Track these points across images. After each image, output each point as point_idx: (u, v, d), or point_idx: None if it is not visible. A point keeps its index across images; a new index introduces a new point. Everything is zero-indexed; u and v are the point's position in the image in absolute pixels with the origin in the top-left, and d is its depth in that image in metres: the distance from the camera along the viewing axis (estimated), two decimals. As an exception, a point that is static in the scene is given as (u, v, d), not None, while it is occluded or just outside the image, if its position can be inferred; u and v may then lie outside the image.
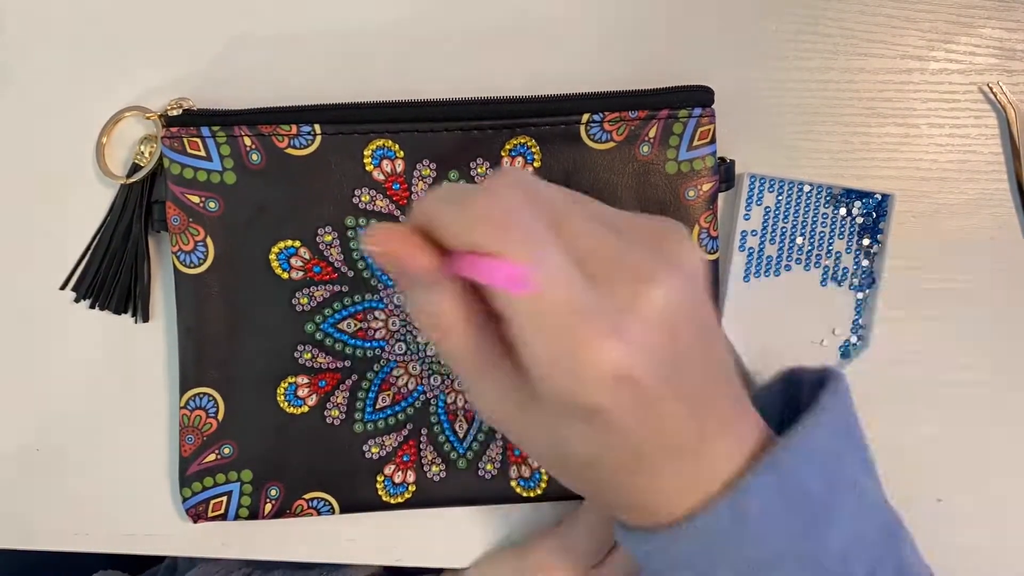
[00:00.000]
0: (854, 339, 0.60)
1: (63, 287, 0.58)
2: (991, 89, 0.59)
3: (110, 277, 0.58)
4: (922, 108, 0.60)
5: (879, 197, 0.59)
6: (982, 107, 0.60)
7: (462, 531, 0.60)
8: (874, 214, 0.59)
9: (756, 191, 0.59)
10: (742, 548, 0.41)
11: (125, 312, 0.58)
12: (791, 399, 0.48)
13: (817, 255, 0.59)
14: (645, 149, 0.56)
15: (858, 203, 0.59)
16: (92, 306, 0.58)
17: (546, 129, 0.55)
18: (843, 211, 0.59)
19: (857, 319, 0.60)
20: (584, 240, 0.38)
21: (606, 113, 0.55)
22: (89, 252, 0.58)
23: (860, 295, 0.59)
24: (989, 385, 0.60)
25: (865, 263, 0.59)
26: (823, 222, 0.59)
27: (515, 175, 0.38)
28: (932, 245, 0.60)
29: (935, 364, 0.60)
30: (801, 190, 0.59)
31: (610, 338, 0.36)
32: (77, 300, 0.58)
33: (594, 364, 0.35)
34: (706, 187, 0.56)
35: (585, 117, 0.55)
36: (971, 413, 0.60)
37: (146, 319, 0.58)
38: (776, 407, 0.49)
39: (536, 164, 0.56)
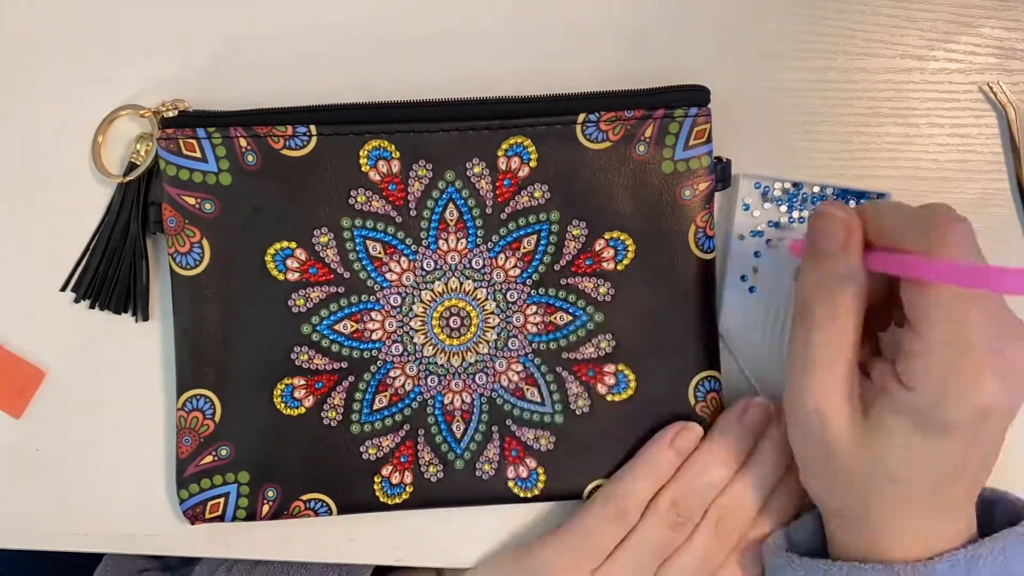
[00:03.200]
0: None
1: (63, 288, 0.58)
2: (991, 89, 0.59)
3: (109, 277, 0.58)
4: (922, 108, 0.60)
5: (875, 196, 0.58)
6: (982, 107, 0.60)
7: (463, 531, 0.60)
8: None
9: (751, 192, 0.58)
10: None
11: (125, 312, 0.58)
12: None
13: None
14: (641, 149, 0.55)
15: (853, 203, 0.58)
16: (92, 306, 0.58)
17: (542, 129, 0.55)
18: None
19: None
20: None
21: (602, 113, 0.55)
22: (88, 252, 0.58)
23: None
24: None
25: None
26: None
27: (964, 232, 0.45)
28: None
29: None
30: (798, 190, 0.58)
31: (998, 378, 0.44)
32: (77, 300, 0.58)
33: (976, 394, 0.44)
34: (702, 187, 0.56)
35: (581, 117, 0.55)
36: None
37: (146, 318, 0.58)
38: None
39: (532, 164, 0.56)
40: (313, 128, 0.55)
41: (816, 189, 0.58)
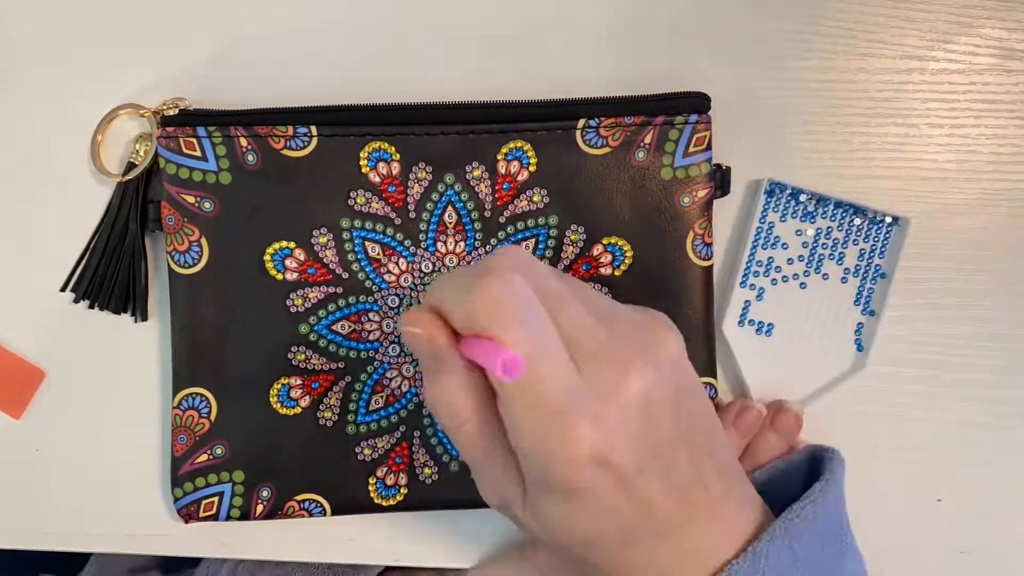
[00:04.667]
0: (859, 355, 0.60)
1: (63, 288, 0.58)
2: None
3: (108, 277, 0.58)
4: (922, 108, 0.60)
5: (891, 219, 0.59)
6: (982, 107, 0.60)
7: (463, 531, 0.60)
8: (884, 239, 0.59)
9: (762, 198, 0.59)
10: None
11: (124, 312, 0.58)
12: (812, 470, 0.53)
13: (817, 262, 0.59)
14: (641, 155, 0.55)
15: (860, 219, 0.59)
16: (91, 306, 0.58)
17: (542, 134, 0.55)
18: (857, 221, 0.59)
19: (858, 340, 0.59)
20: (575, 326, 0.41)
21: (602, 118, 0.55)
22: (87, 252, 0.58)
23: (864, 319, 0.60)
24: (990, 385, 0.60)
25: (871, 287, 0.59)
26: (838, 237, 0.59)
27: (516, 258, 0.41)
28: (932, 245, 0.60)
29: (936, 364, 0.60)
30: (812, 201, 0.59)
31: (589, 423, 0.39)
32: (76, 300, 0.58)
33: (573, 447, 0.39)
34: (701, 194, 0.56)
35: (581, 122, 0.55)
36: (972, 413, 0.60)
37: (144, 318, 0.58)
38: (801, 473, 0.55)
39: (531, 168, 0.55)
40: (314, 129, 0.55)
41: (831, 206, 0.59)
